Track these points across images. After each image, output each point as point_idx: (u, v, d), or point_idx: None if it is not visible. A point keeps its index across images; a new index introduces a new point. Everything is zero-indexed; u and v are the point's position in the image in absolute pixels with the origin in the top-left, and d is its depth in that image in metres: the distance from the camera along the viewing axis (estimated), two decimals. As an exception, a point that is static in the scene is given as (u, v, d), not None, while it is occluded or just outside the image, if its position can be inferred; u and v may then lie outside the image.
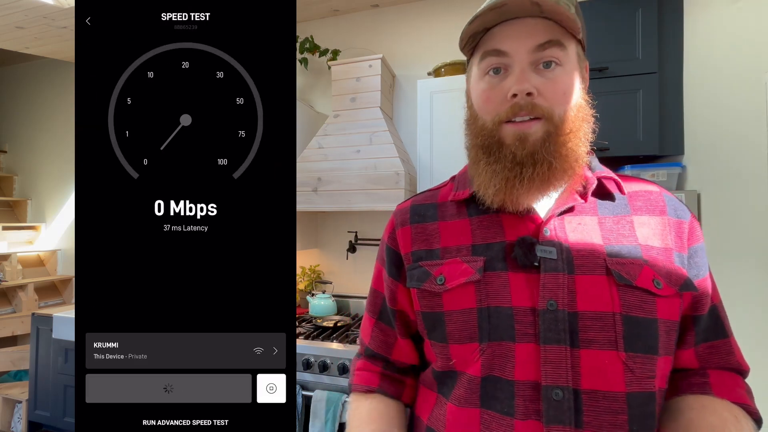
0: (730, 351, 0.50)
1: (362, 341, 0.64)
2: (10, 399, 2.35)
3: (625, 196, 0.52)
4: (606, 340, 0.44)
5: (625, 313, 0.44)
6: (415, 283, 0.53)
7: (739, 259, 1.09)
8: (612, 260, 0.46)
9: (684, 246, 0.49)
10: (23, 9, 2.00)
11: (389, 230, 0.60)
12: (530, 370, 0.44)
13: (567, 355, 0.43)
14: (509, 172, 0.48)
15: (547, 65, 0.47)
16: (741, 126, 1.10)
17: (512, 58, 0.47)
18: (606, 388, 0.43)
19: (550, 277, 0.46)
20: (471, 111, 0.54)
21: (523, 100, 0.46)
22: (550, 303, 0.45)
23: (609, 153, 1.40)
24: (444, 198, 0.59)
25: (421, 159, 1.73)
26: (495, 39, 0.49)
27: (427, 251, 0.54)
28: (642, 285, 0.45)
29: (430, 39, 2.10)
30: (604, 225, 0.49)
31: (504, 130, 0.48)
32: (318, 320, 1.88)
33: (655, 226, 0.49)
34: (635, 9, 1.39)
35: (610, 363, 0.43)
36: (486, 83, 0.50)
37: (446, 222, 0.55)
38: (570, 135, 0.48)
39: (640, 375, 0.43)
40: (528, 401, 0.44)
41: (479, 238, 0.52)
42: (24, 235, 3.06)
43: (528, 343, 0.45)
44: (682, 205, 0.52)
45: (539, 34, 0.47)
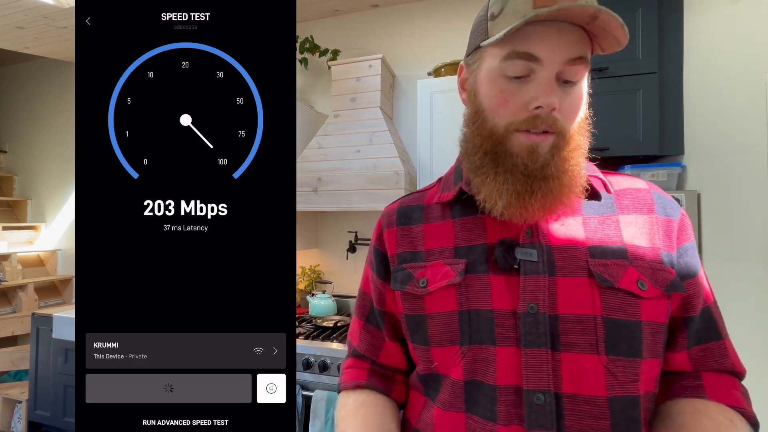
0: (724, 353, 0.48)
1: (350, 343, 0.64)
2: (10, 399, 2.35)
3: (611, 195, 0.50)
4: (587, 344, 0.43)
5: (606, 315, 0.43)
6: (399, 286, 0.53)
7: (738, 259, 1.09)
8: (594, 261, 0.45)
9: (673, 245, 0.48)
10: (23, 9, 2.00)
11: (377, 232, 0.60)
12: (512, 374, 0.44)
13: (548, 358, 0.43)
14: (520, 186, 0.45)
15: (568, 82, 0.44)
16: (741, 126, 1.10)
17: (543, 66, 0.43)
18: (587, 393, 0.42)
19: (530, 280, 0.45)
20: (476, 108, 0.49)
21: (545, 113, 0.44)
22: (530, 306, 0.44)
23: (609, 153, 1.40)
24: (430, 200, 0.57)
25: (421, 159, 1.73)
26: (531, 41, 0.43)
27: (412, 253, 0.54)
28: (624, 287, 0.44)
29: (430, 39, 2.10)
30: (588, 225, 0.48)
31: (515, 139, 0.45)
32: (318, 320, 1.88)
33: (642, 225, 0.48)
34: (635, 9, 1.39)
35: (591, 367, 0.42)
36: (504, 83, 0.46)
37: (430, 224, 0.54)
38: (574, 149, 0.46)
39: (623, 379, 0.43)
40: (510, 406, 0.43)
41: (461, 240, 0.51)
42: (24, 235, 3.06)
43: (509, 346, 0.44)
44: (672, 203, 0.50)
45: (574, 47, 0.43)
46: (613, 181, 0.52)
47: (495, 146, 0.47)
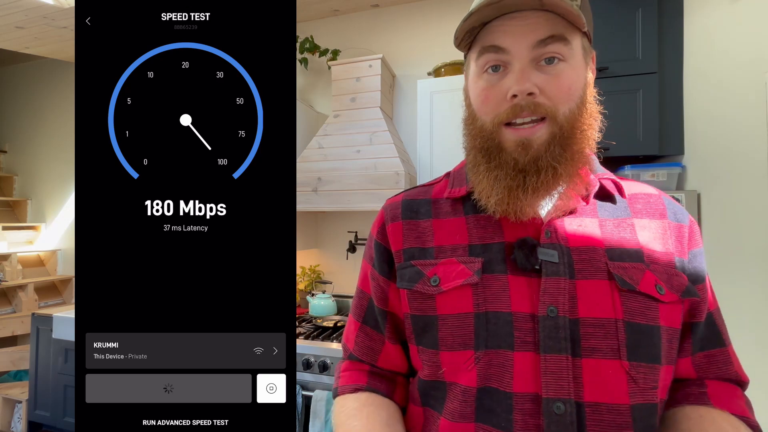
0: (728, 360, 0.47)
1: (345, 347, 0.59)
2: (10, 399, 2.35)
3: (625, 199, 0.50)
4: (609, 349, 0.41)
5: (627, 319, 0.42)
6: (406, 284, 0.50)
7: (739, 259, 1.09)
8: (614, 264, 0.44)
9: (684, 250, 0.47)
10: (23, 9, 2.00)
11: (378, 225, 0.56)
12: (529, 381, 0.41)
13: (569, 365, 0.41)
14: (511, 180, 0.45)
15: (550, 61, 0.44)
16: (741, 126, 1.10)
17: (512, 54, 0.44)
18: (610, 401, 0.40)
19: (551, 282, 0.43)
20: (469, 110, 0.51)
21: (524, 100, 0.44)
22: (550, 309, 0.42)
23: (609, 153, 1.40)
24: (438, 194, 0.55)
25: (421, 159, 1.73)
26: (493, 34, 0.45)
27: (420, 249, 0.51)
28: (645, 290, 0.43)
29: (430, 39, 2.10)
30: (604, 227, 0.47)
31: (504, 134, 0.46)
32: (318, 320, 1.88)
33: (655, 229, 0.47)
34: (635, 9, 1.39)
35: (613, 373, 0.41)
36: (485, 81, 0.47)
37: (441, 220, 0.52)
38: (576, 135, 0.45)
39: (644, 386, 0.41)
40: (527, 415, 0.41)
41: (476, 238, 0.49)
42: (24, 235, 3.06)
43: (527, 351, 0.42)
44: (681, 209, 0.51)
45: (540, 29, 0.43)
46: (625, 185, 0.52)
47: (486, 143, 0.47)
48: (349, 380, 0.55)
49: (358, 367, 0.57)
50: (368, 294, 0.57)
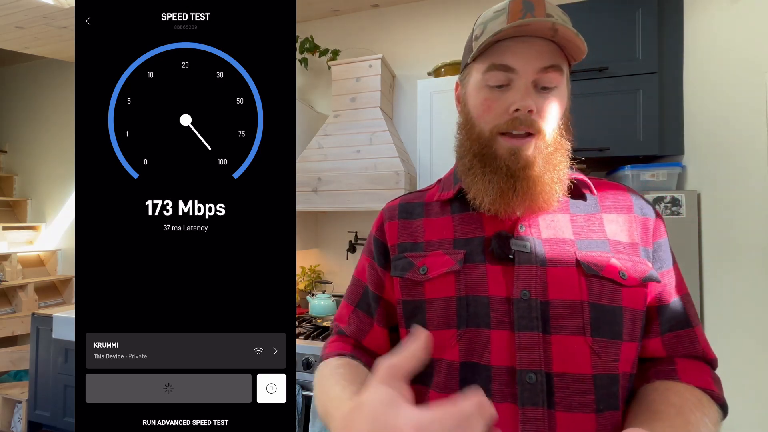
0: (694, 340, 0.52)
1: (337, 325, 0.65)
2: (10, 399, 2.36)
3: (595, 196, 0.57)
4: (575, 326, 0.47)
5: (592, 301, 0.48)
6: (399, 273, 0.57)
7: (738, 259, 1.09)
8: (582, 253, 0.50)
9: (649, 241, 0.54)
10: (23, 9, 2.00)
11: (378, 224, 0.64)
12: (505, 355, 0.47)
13: (540, 341, 0.47)
14: (504, 183, 0.51)
15: (545, 88, 0.51)
16: (741, 126, 1.10)
17: (518, 74, 0.50)
18: (575, 371, 0.46)
19: (523, 269, 0.50)
20: (467, 116, 0.56)
21: (523, 115, 0.50)
22: (523, 293, 0.49)
23: (609, 153, 1.41)
24: (430, 198, 0.63)
25: (421, 159, 1.73)
26: (506, 54, 0.50)
27: (412, 244, 0.58)
28: (608, 275, 0.49)
29: (430, 39, 2.10)
30: (575, 222, 0.54)
31: (499, 142, 0.52)
32: (318, 320, 1.88)
33: (622, 222, 0.54)
34: (635, 9, 1.39)
35: (578, 347, 0.47)
36: (488, 93, 0.52)
37: (431, 219, 0.59)
38: (558, 148, 0.53)
39: (606, 358, 0.47)
40: (503, 385, 0.47)
41: (460, 233, 0.56)
42: (24, 235, 3.06)
43: (503, 330, 0.48)
44: (647, 205, 0.57)
45: (545, 57, 0.50)
46: (596, 184, 0.58)
47: (482, 149, 0.53)
48: (335, 348, 0.61)
49: (345, 341, 0.63)
50: (364, 282, 0.64)
